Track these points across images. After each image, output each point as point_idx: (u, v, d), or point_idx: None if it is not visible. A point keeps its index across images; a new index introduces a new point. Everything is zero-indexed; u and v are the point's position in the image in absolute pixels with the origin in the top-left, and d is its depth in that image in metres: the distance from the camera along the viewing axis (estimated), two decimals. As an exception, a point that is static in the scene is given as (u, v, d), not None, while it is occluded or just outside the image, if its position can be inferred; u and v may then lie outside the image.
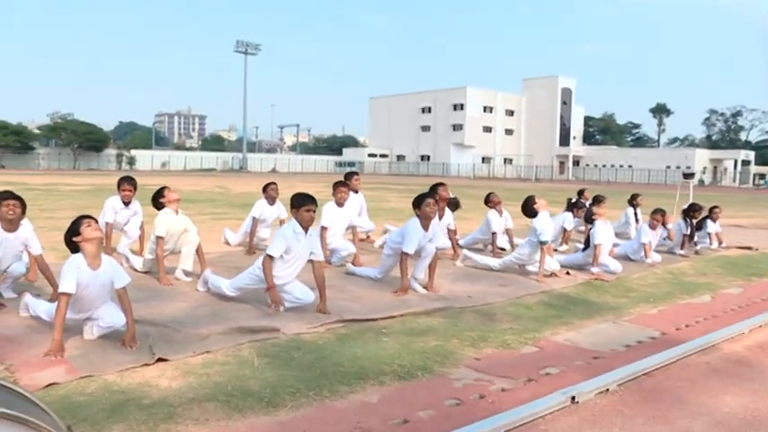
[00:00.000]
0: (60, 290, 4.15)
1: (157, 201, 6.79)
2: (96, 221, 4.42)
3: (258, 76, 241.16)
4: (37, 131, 70.87)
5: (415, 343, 4.61)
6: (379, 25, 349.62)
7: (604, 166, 75.32)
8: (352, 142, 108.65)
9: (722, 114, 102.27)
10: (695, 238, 10.39)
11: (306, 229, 5.44)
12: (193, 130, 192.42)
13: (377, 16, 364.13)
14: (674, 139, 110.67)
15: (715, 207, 11.11)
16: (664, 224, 9.54)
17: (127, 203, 7.68)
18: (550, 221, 7.64)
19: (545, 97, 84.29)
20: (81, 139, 65.96)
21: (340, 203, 7.84)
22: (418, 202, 6.33)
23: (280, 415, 3.28)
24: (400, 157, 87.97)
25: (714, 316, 5.91)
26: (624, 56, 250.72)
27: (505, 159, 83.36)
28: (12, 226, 5.28)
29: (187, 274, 6.62)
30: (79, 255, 4.28)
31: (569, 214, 10.38)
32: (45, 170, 56.99)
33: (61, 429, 1.68)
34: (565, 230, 10.19)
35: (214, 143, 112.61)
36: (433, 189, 7.67)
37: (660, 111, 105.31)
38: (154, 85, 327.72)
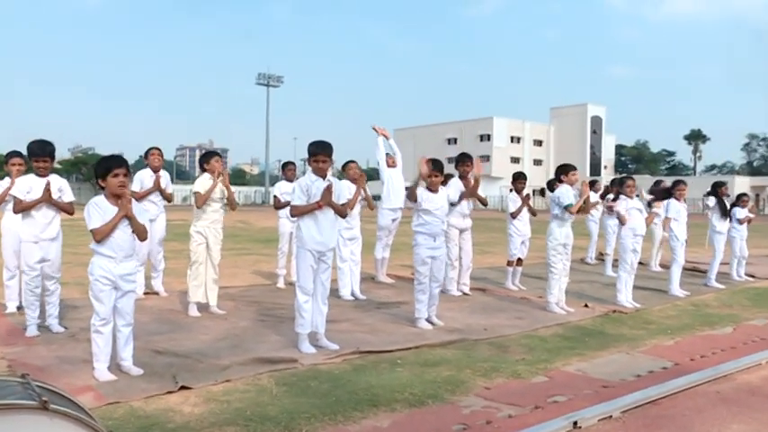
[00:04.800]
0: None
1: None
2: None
3: (281, 109, 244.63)
4: (58, 166, 71.09)
5: (428, 373, 4.76)
6: (402, 55, 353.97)
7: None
8: (377, 174, 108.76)
9: (764, 139, 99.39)
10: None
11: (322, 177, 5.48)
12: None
13: (399, 44, 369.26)
14: (712, 167, 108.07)
15: (743, 195, 10.86)
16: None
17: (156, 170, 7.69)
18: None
19: (574, 126, 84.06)
20: (102, 175, 66.02)
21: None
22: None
23: (294, 439, 3.47)
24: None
25: (732, 347, 5.92)
26: (656, 81, 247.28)
27: (534, 191, 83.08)
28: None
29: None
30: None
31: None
32: (64, 205, 57.48)
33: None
34: None
35: (236, 177, 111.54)
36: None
37: (696, 137, 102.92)
38: (174, 118, 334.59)
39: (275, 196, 8.50)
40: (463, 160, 8.38)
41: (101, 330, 4.50)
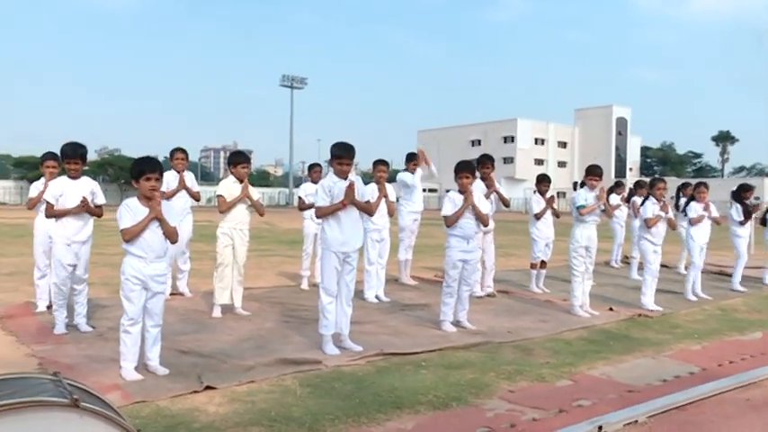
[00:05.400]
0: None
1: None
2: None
3: (304, 111, 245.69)
4: (85, 168, 71.90)
5: (451, 375, 4.75)
6: (426, 57, 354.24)
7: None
8: (394, 176, 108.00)
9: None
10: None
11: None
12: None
13: (423, 47, 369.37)
14: (740, 169, 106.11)
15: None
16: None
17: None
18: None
19: (599, 128, 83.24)
20: (128, 175, 66.12)
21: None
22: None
23: (318, 440, 3.49)
24: (449, 192, 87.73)
25: (763, 353, 5.81)
26: (682, 82, 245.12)
27: (558, 193, 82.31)
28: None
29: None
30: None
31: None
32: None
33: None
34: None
35: (260, 178, 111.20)
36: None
37: (723, 139, 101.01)
38: (199, 119, 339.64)
39: (300, 198, 8.55)
40: (484, 162, 8.36)
41: (129, 330, 4.57)
